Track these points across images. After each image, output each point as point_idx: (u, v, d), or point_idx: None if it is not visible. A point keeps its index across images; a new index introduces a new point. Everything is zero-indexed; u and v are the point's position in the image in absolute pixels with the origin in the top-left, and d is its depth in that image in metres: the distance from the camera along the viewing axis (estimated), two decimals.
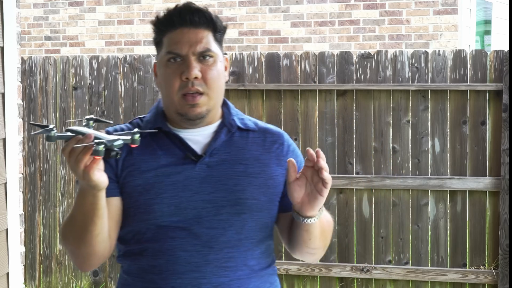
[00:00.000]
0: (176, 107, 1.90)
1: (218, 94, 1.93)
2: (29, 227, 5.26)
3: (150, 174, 1.89)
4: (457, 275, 4.73)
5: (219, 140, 1.94)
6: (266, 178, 1.94)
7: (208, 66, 1.89)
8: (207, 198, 1.88)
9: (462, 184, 4.71)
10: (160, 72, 1.93)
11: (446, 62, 4.73)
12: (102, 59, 5.16)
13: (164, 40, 1.93)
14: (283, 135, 2.03)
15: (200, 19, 1.91)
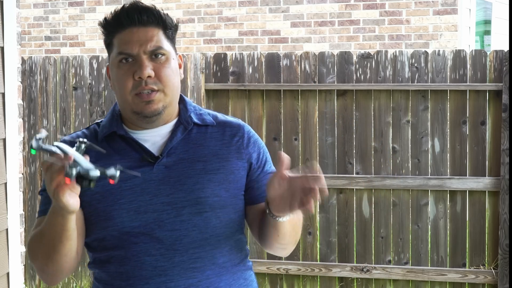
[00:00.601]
0: (131, 106, 1.87)
1: (174, 91, 1.90)
2: (30, 227, 5.26)
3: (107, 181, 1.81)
4: (457, 275, 4.73)
5: (175, 139, 1.90)
6: (226, 174, 1.90)
7: (161, 64, 1.87)
8: (166, 200, 1.84)
9: (462, 184, 4.71)
10: (113, 74, 1.92)
11: (446, 62, 4.74)
12: (102, 59, 5.16)
13: (114, 41, 1.90)
14: (243, 127, 1.98)
15: (149, 18, 1.88)
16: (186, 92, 5.02)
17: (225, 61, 4.98)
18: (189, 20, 8.43)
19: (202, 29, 8.39)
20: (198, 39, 8.42)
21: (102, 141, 1.91)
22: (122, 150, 1.89)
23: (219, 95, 4.99)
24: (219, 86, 4.96)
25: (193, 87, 5.02)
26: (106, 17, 1.93)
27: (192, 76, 5.02)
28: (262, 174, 1.94)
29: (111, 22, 1.91)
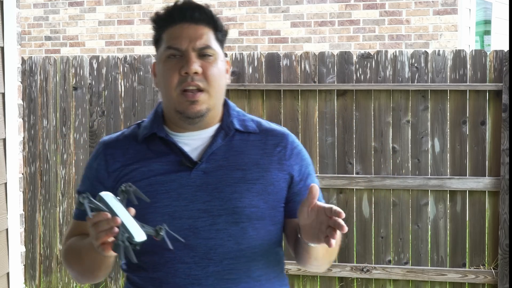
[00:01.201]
0: (175, 104, 1.83)
1: (219, 93, 1.86)
2: (30, 227, 5.26)
3: (143, 183, 1.82)
4: (457, 275, 4.73)
5: (215, 144, 1.86)
6: (266, 184, 1.85)
7: (209, 63, 1.83)
8: (202, 207, 1.81)
9: (462, 184, 4.71)
10: (159, 69, 1.87)
11: (446, 62, 4.73)
12: (102, 59, 5.16)
13: (164, 37, 1.86)
14: (287, 136, 1.93)
15: (201, 16, 1.85)
16: None
17: None
18: None
19: None
20: None
21: (141, 142, 1.88)
22: (161, 153, 1.86)
23: None
24: None
25: None
26: (158, 12, 1.89)
27: None
28: (304, 188, 1.88)
29: (163, 17, 1.88)
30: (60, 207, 5.23)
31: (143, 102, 5.09)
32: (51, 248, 5.26)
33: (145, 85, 5.09)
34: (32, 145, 5.24)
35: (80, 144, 5.17)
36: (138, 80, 5.10)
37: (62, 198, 5.22)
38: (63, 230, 5.23)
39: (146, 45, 8.60)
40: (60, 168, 5.21)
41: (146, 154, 1.87)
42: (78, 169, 5.18)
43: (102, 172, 1.88)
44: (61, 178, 5.21)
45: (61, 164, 5.21)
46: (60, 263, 5.24)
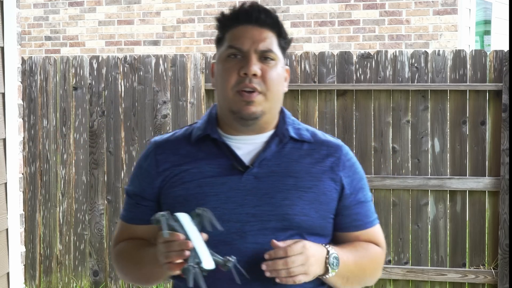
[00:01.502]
0: (230, 103, 1.81)
1: (276, 98, 1.83)
2: (30, 227, 5.26)
3: (193, 185, 1.82)
4: (457, 275, 4.73)
5: (269, 150, 1.84)
6: (318, 193, 1.83)
7: (269, 66, 1.81)
8: (252, 211, 1.79)
9: (462, 184, 4.71)
10: (218, 68, 1.85)
11: (446, 62, 4.73)
12: (102, 59, 5.16)
13: (226, 36, 1.85)
14: (341, 148, 1.90)
15: (267, 19, 1.84)
16: (186, 92, 5.02)
17: None
18: (189, 20, 8.43)
19: (202, 29, 8.39)
20: (198, 39, 8.42)
21: (194, 144, 1.87)
22: (213, 155, 1.85)
23: None
24: None
25: (193, 87, 5.02)
26: (223, 11, 1.88)
27: (192, 76, 5.02)
28: (354, 202, 1.88)
29: (228, 17, 1.86)
30: (60, 207, 5.22)
31: (143, 102, 5.09)
32: (51, 248, 5.26)
33: (145, 85, 5.09)
34: (32, 145, 5.24)
35: (80, 144, 5.17)
36: (138, 80, 5.10)
37: (62, 198, 5.22)
38: (63, 230, 5.22)
39: (146, 45, 8.60)
40: (60, 168, 5.21)
41: (197, 155, 1.86)
42: (78, 169, 5.18)
43: (152, 172, 1.88)
44: (61, 178, 5.21)
45: (61, 164, 5.21)
46: (60, 263, 5.24)
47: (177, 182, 1.84)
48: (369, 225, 1.91)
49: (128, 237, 1.94)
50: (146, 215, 1.87)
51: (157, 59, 5.09)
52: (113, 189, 5.14)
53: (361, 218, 1.89)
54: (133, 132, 5.10)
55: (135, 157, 5.08)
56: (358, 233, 1.90)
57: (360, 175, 1.91)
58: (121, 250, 1.93)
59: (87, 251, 5.20)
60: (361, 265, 1.86)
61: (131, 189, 1.93)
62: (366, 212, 1.91)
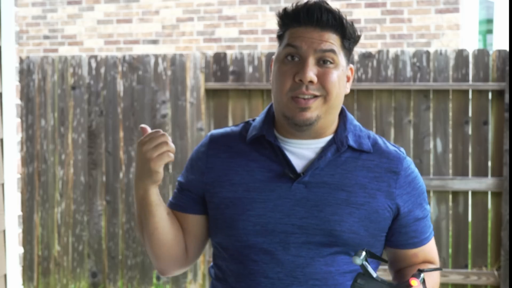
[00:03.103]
0: (284, 108, 1.74)
1: (335, 102, 1.75)
2: (27, 228, 5.23)
3: (241, 188, 1.77)
4: (459, 276, 4.70)
5: (324, 158, 1.76)
6: (370, 211, 1.75)
7: (328, 69, 1.73)
8: (298, 223, 1.73)
9: (464, 185, 4.68)
10: (274, 69, 1.78)
11: (448, 61, 4.71)
12: (100, 59, 5.13)
13: (286, 34, 1.77)
14: (403, 161, 1.81)
15: (329, 20, 1.74)
16: (186, 92, 4.99)
17: (225, 61, 4.95)
18: (188, 19, 8.40)
19: (201, 28, 8.36)
20: (197, 38, 8.39)
21: (248, 143, 1.82)
22: (265, 158, 1.79)
23: (219, 94, 4.96)
24: (219, 86, 4.92)
25: (193, 86, 4.99)
26: (286, 8, 1.79)
27: (191, 75, 4.99)
28: (412, 220, 1.82)
29: (289, 15, 1.77)
30: (58, 208, 5.19)
31: (142, 102, 5.06)
32: (49, 249, 5.23)
33: (144, 84, 5.06)
34: (30, 145, 5.20)
35: (78, 144, 5.14)
36: (137, 80, 5.07)
37: (60, 199, 5.18)
38: (61, 230, 5.19)
39: (145, 44, 8.57)
40: (58, 168, 5.18)
41: (249, 156, 1.81)
42: (76, 170, 5.14)
43: (202, 167, 1.84)
44: (59, 178, 5.18)
45: (59, 164, 5.18)
46: (58, 264, 5.21)
47: (226, 183, 1.80)
48: (426, 241, 1.86)
49: None
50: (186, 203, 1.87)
51: (156, 58, 5.06)
52: (111, 189, 5.11)
53: (418, 235, 1.84)
54: (132, 132, 5.07)
55: (134, 157, 5.04)
56: (416, 250, 1.85)
57: (419, 190, 1.83)
58: None
59: (85, 252, 5.17)
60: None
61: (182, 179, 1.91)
62: (423, 228, 1.85)
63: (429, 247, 1.87)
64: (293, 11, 1.77)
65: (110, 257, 5.13)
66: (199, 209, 1.86)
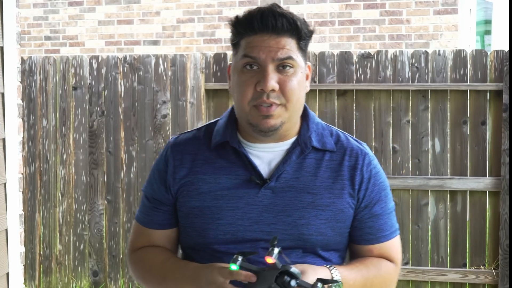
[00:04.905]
0: (248, 116, 1.74)
1: (297, 107, 1.75)
2: (29, 227, 5.25)
3: (209, 197, 1.76)
4: (457, 275, 4.72)
5: (289, 162, 1.76)
6: (335, 212, 1.76)
7: (288, 76, 1.71)
8: (267, 229, 1.74)
9: (463, 184, 4.70)
10: (234, 78, 1.76)
11: (446, 62, 4.73)
12: (102, 59, 5.15)
13: (242, 43, 1.75)
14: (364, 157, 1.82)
15: (284, 26, 1.71)
16: (186, 92, 5.01)
17: (225, 61, 4.97)
18: (189, 19, 8.42)
19: (202, 29, 8.38)
20: (198, 39, 8.41)
21: (213, 149, 1.80)
22: (231, 165, 1.78)
23: (219, 94, 4.98)
24: (219, 86, 4.95)
25: (193, 87, 5.01)
26: (238, 16, 1.77)
27: (192, 76, 5.01)
28: (368, 216, 1.81)
29: (243, 23, 1.75)
30: (60, 207, 5.21)
31: (142, 102, 5.08)
32: (50, 248, 5.25)
33: (145, 85, 5.08)
34: (31, 145, 5.23)
35: (79, 144, 5.16)
36: (138, 80, 5.09)
37: (62, 198, 5.21)
38: (62, 230, 5.21)
39: (145, 45, 8.59)
40: (59, 168, 5.20)
41: (215, 163, 1.79)
42: (77, 169, 5.17)
43: (169, 177, 1.82)
44: (61, 178, 5.20)
45: (61, 164, 5.20)
46: (60, 263, 5.23)
47: (194, 192, 1.79)
48: (383, 239, 1.85)
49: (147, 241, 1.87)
50: (164, 219, 1.84)
51: (156, 59, 5.08)
52: (112, 189, 5.13)
53: (374, 232, 1.83)
54: (133, 132, 5.09)
55: (134, 157, 5.07)
56: (371, 247, 1.84)
57: (380, 186, 1.83)
58: (144, 259, 1.86)
59: (86, 251, 5.19)
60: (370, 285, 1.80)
61: (149, 191, 1.87)
62: (381, 225, 1.84)
63: (387, 246, 1.86)
64: (247, 19, 1.74)
65: (111, 256, 5.16)
66: (176, 222, 1.85)
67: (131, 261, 1.92)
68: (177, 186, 1.81)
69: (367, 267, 1.80)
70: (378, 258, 1.84)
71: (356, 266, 1.78)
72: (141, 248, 1.89)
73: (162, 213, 1.85)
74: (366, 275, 1.78)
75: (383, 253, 1.86)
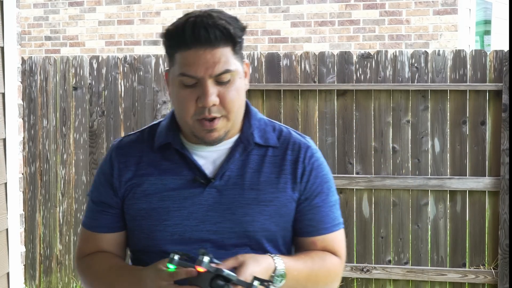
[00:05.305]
0: (191, 129, 1.73)
1: (238, 114, 1.75)
2: (30, 227, 5.26)
3: (155, 198, 1.76)
4: (457, 275, 4.73)
5: (233, 159, 1.76)
6: (279, 206, 1.76)
7: (227, 87, 1.69)
8: (213, 228, 1.74)
9: (462, 184, 4.71)
10: (173, 91, 1.74)
11: (446, 62, 4.73)
12: (102, 59, 5.16)
13: (177, 57, 1.71)
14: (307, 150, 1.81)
15: (217, 37, 1.67)
16: None
17: None
18: None
19: None
20: None
21: (157, 151, 1.80)
22: (176, 165, 1.78)
23: None
24: None
25: None
26: (168, 29, 1.72)
27: None
28: (308, 207, 1.80)
29: (175, 38, 1.70)
30: (60, 207, 5.22)
31: (143, 102, 5.09)
32: (51, 248, 5.26)
33: (145, 85, 5.09)
34: (32, 145, 5.24)
35: (80, 144, 5.17)
36: (138, 80, 5.10)
37: (62, 198, 5.22)
38: (63, 230, 5.22)
39: (146, 45, 8.60)
40: (60, 168, 5.21)
41: (160, 165, 1.79)
42: (78, 169, 5.18)
43: (114, 181, 1.82)
44: (61, 178, 5.21)
45: (61, 164, 5.21)
46: (60, 263, 5.24)
47: (140, 194, 1.78)
48: (324, 231, 1.82)
49: (95, 247, 1.86)
50: (112, 222, 1.84)
51: (157, 59, 5.09)
52: None
53: (314, 224, 1.81)
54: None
55: None
56: (313, 239, 1.81)
57: (322, 179, 1.81)
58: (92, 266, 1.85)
59: None
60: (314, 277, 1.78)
61: (96, 196, 1.87)
62: (322, 218, 1.81)
63: (331, 238, 1.82)
64: (178, 33, 1.69)
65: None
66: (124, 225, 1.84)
67: (79, 269, 1.90)
68: (123, 188, 1.80)
69: (312, 258, 1.79)
70: (323, 251, 1.82)
71: (301, 258, 1.78)
72: (88, 255, 1.88)
73: (110, 216, 1.84)
74: (311, 267, 1.77)
75: (326, 246, 1.82)
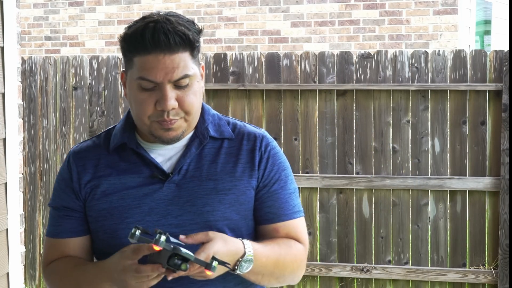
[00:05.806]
0: (149, 129, 1.76)
1: (196, 115, 1.78)
2: (29, 227, 5.26)
3: (115, 197, 1.78)
4: (457, 275, 4.73)
5: (189, 154, 1.79)
6: (238, 194, 1.79)
7: (185, 91, 1.72)
8: (174, 222, 1.75)
9: (462, 184, 4.71)
10: (130, 93, 1.75)
11: (446, 62, 4.73)
12: (102, 59, 5.16)
13: (135, 61, 1.72)
14: (262, 139, 1.85)
15: (177, 42, 1.69)
16: None
17: (225, 61, 4.98)
18: None
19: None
20: None
21: (112, 153, 1.82)
22: (133, 165, 1.80)
23: (219, 95, 4.99)
24: (219, 86, 4.95)
25: None
26: (126, 33, 1.73)
27: None
28: (267, 194, 1.82)
29: (134, 42, 1.72)
30: None
31: None
32: None
33: None
34: (32, 145, 5.24)
35: None
36: None
37: None
38: None
39: None
40: (60, 168, 5.20)
41: (118, 165, 1.81)
42: None
43: (74, 184, 1.83)
44: None
45: (61, 164, 5.20)
46: None
47: (100, 195, 1.79)
48: (285, 217, 1.84)
49: (61, 253, 1.86)
50: (77, 226, 1.84)
51: None
52: None
53: (274, 211, 1.83)
54: None
55: None
56: (275, 226, 1.83)
57: (279, 166, 1.84)
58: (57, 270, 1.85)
59: None
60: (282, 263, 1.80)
61: (57, 202, 1.87)
62: (282, 204, 1.83)
63: (293, 225, 1.84)
64: (137, 37, 1.71)
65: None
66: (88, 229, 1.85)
67: (45, 277, 1.90)
68: (83, 191, 1.82)
69: (278, 244, 1.81)
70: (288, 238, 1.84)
71: (269, 244, 1.79)
72: (53, 261, 1.88)
73: (73, 219, 1.84)
74: (278, 252, 1.79)
75: (288, 232, 1.84)
